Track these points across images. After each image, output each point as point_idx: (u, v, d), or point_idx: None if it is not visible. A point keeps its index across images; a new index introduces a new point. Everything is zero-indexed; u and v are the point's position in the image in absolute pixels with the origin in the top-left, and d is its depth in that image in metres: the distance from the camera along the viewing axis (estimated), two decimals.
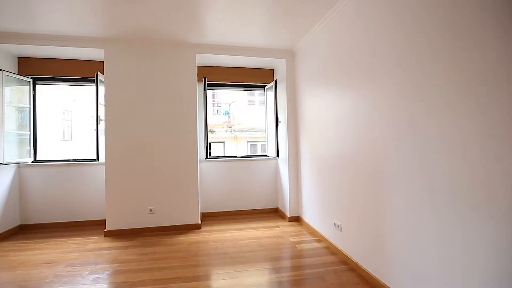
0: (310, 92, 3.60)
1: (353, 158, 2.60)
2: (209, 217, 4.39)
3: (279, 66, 4.36)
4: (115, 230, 3.66)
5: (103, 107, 3.68)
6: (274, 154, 4.29)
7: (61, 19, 3.09)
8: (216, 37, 3.63)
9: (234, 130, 11.76)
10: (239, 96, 12.11)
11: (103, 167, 3.99)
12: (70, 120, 12.51)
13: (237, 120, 12.07)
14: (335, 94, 2.92)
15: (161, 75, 3.78)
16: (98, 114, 3.70)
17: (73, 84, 4.22)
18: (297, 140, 4.11)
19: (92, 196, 4.12)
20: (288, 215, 4.11)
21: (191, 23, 3.25)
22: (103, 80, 3.71)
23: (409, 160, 1.90)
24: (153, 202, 3.77)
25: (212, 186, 4.50)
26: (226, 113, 12.01)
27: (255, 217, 4.34)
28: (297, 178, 4.10)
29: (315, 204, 3.51)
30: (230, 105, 12.04)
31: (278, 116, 4.26)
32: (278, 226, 3.88)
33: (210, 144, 4.59)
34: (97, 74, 3.68)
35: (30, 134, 4.04)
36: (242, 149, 11.81)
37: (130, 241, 3.43)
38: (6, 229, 3.75)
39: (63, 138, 12.28)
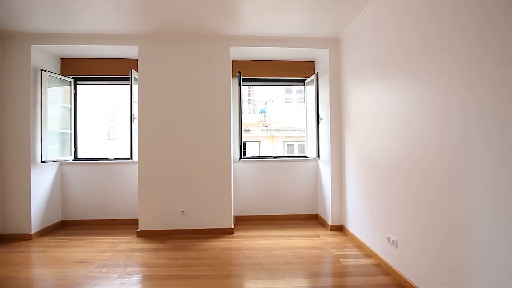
0: (357, 85, 3.17)
1: (414, 159, 2.14)
2: (242, 221, 4.14)
3: (321, 57, 3.96)
4: (147, 230, 3.57)
5: (137, 105, 3.62)
6: (315, 155, 3.91)
7: (96, 17, 3.05)
8: (251, 27, 3.36)
9: (270, 129, 11.47)
10: (275, 94, 11.79)
11: (137, 166, 3.94)
12: (115, 120, 13.22)
13: (273, 119, 11.77)
14: (390, 86, 2.48)
15: (194, 71, 3.61)
16: (132, 112, 3.64)
17: (110, 83, 4.26)
18: (341, 139, 3.68)
19: (126, 195, 4.10)
20: (330, 223, 3.70)
21: (225, 14, 3.02)
22: (137, 77, 3.64)
23: (502, 163, 1.44)
24: (185, 203, 3.61)
25: (246, 188, 4.24)
26: (262, 111, 11.76)
27: (292, 224, 4.00)
28: (341, 181, 3.67)
29: (362, 213, 3.07)
30: (267, 103, 11.78)
31: (320, 112, 3.87)
32: (318, 235, 3.50)
33: (245, 143, 4.34)
34: (131, 72, 3.62)
35: (71, 133, 4.14)
36: (278, 149, 11.48)
37: (161, 243, 3.30)
38: (49, 224, 3.87)
39: (109, 137, 13.03)
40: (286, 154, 11.48)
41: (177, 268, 2.65)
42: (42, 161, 3.64)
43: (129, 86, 3.70)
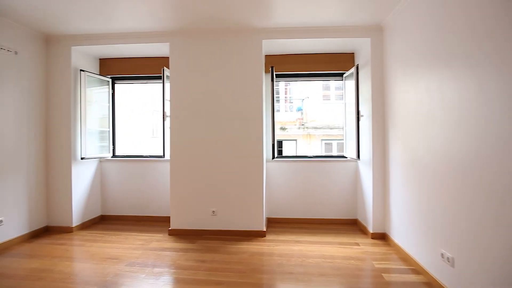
0: (404, 77, 2.79)
1: (479, 163, 1.76)
2: (275, 224, 3.95)
3: (362, 47, 3.60)
4: (179, 229, 3.54)
5: (169, 103, 3.60)
6: (354, 155, 3.56)
7: (129, 16, 3.06)
8: (284, 18, 3.14)
9: (307, 128, 11.08)
10: (313, 91, 11.35)
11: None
12: (159, 118, 13.80)
13: (310, 116, 11.35)
14: (447, 77, 2.10)
15: (225, 67, 3.49)
16: (164, 110, 3.63)
17: (145, 82, 4.32)
18: (384, 138, 3.30)
19: (161, 193, 4.14)
20: (371, 231, 3.35)
21: (256, 4, 2.84)
22: (169, 75, 3.62)
23: None
24: (216, 203, 3.52)
25: (279, 189, 4.03)
26: (299, 109, 11.39)
27: (328, 229, 3.70)
28: (384, 185, 3.30)
29: (410, 221, 2.70)
30: (303, 100, 11.39)
31: (360, 109, 3.52)
32: (357, 244, 3.17)
33: (281, 142, 4.12)
34: (163, 70, 3.61)
35: (109, 131, 4.28)
36: (316, 148, 11.04)
37: (191, 243, 3.23)
38: (89, 219, 4.03)
39: (153, 135, 13.66)
40: (323, 154, 11.01)
41: (204, 272, 2.54)
42: (82, 158, 3.80)
43: (161, 84, 3.70)
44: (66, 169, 3.71)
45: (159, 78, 4.15)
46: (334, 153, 11.01)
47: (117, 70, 4.19)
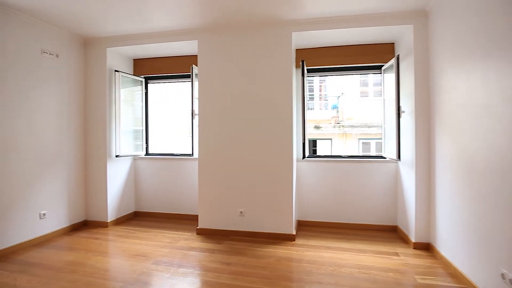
0: (455, 67, 2.43)
1: None
2: (306, 227, 3.74)
3: (403, 36, 3.25)
4: (206, 229, 3.50)
5: (197, 101, 3.58)
6: (394, 155, 3.24)
7: (158, 14, 3.07)
8: (315, 8, 2.93)
9: (342, 126, 10.59)
10: (349, 88, 10.81)
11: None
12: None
13: (347, 114, 10.83)
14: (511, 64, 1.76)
15: (253, 63, 3.37)
16: (193, 109, 3.61)
17: (176, 81, 4.36)
18: (429, 136, 2.94)
19: (190, 191, 4.15)
20: (413, 240, 3.01)
21: None
22: (197, 73, 3.60)
23: None
24: (244, 204, 3.42)
25: (311, 190, 3.82)
26: (335, 107, 10.91)
27: (364, 235, 3.41)
28: (429, 189, 2.94)
29: (461, 232, 2.35)
30: (339, 97, 10.89)
31: (401, 104, 3.18)
32: (397, 254, 2.86)
33: (315, 141, 3.90)
34: (192, 68, 3.60)
35: (142, 130, 4.39)
36: (352, 148, 10.52)
37: (217, 244, 3.17)
38: (123, 214, 4.17)
39: (189, 134, 14.11)
40: (360, 153, 10.45)
41: (229, 275, 2.45)
42: (116, 156, 3.93)
43: (190, 82, 3.69)
44: (102, 166, 3.87)
45: (189, 76, 4.16)
46: (373, 153, 10.40)
47: (149, 70, 4.29)
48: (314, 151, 11.00)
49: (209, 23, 3.32)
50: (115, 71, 3.91)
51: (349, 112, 10.95)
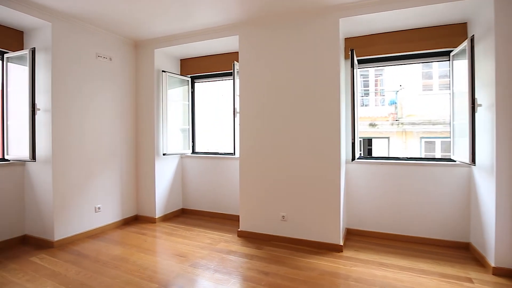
0: None
1: None
2: (355, 236, 3.36)
3: (480, 12, 2.66)
4: (247, 232, 3.37)
5: (238, 98, 3.46)
6: (467, 158, 2.68)
7: (199, 11, 3.02)
8: None
9: (402, 124, 9.57)
10: (410, 81, 9.71)
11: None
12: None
13: (407, 110, 9.76)
14: None
15: (296, 56, 3.11)
16: (235, 107, 3.50)
17: (220, 79, 4.32)
18: None
19: (233, 191, 4.07)
20: (493, 264, 2.44)
21: None
22: (238, 69, 3.48)
23: None
24: (286, 208, 3.20)
25: (362, 196, 3.42)
26: (392, 102, 9.91)
27: (427, 252, 2.91)
28: None
29: None
30: (398, 92, 9.87)
31: (476, 96, 2.61)
32: (470, 280, 2.35)
33: (370, 140, 3.49)
34: (233, 64, 3.48)
35: (189, 129, 4.46)
36: (413, 148, 9.46)
37: (257, 249, 3.01)
38: (171, 211, 4.29)
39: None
40: (423, 155, 9.35)
41: (265, 287, 2.26)
42: (164, 154, 4.04)
43: (232, 79, 3.59)
44: (150, 164, 4.01)
45: (232, 74, 4.08)
46: (438, 155, 9.22)
47: (195, 69, 4.32)
48: (369, 151, 10.19)
49: (249, 15, 3.16)
50: (162, 71, 4.01)
51: (409, 108, 9.88)
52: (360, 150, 10.14)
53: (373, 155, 9.91)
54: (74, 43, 3.30)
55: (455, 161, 3.05)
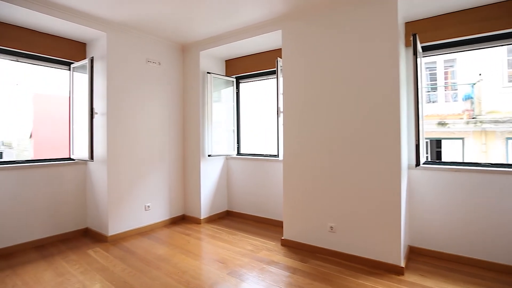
0: None
1: None
2: (421, 257, 2.85)
3: None
4: (291, 241, 3.13)
5: (282, 96, 3.24)
6: None
7: (241, 8, 2.89)
8: None
9: (480, 122, 8.17)
10: (491, 70, 8.23)
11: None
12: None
13: (487, 106, 8.30)
14: None
15: (344, 47, 2.76)
16: (279, 106, 3.29)
17: (265, 78, 4.14)
18: None
19: (278, 195, 3.86)
20: None
21: None
22: (282, 65, 3.25)
23: None
24: (335, 218, 2.87)
25: (428, 208, 2.89)
26: (467, 97, 8.52)
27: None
28: None
29: None
30: (474, 85, 8.46)
31: None
32: None
33: (439, 141, 2.97)
34: (277, 61, 3.28)
35: (234, 130, 4.38)
36: (496, 151, 8.02)
37: (301, 262, 2.74)
38: (216, 213, 4.26)
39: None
40: (509, 161, 7.86)
41: None
42: (208, 155, 4.03)
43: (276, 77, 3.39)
44: (196, 165, 4.04)
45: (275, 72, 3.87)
46: None
47: (239, 69, 4.23)
48: (438, 154, 8.99)
49: (292, 8, 2.93)
50: (207, 73, 4.00)
51: (490, 103, 8.41)
52: (427, 153, 9.00)
53: (442, 160, 8.71)
54: (126, 50, 3.47)
55: None
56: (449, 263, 2.69)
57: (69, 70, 3.54)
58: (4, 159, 13.21)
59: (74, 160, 3.55)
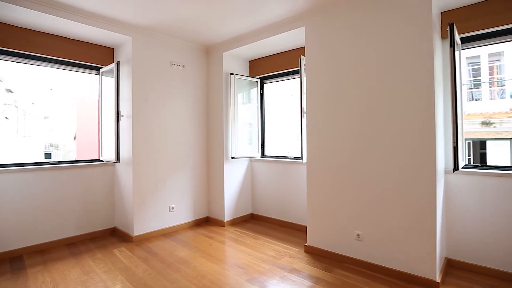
0: None
1: None
2: (460, 271, 2.55)
3: None
4: (316, 248, 2.97)
5: (305, 96, 3.10)
6: None
7: (265, 4, 2.81)
8: None
9: None
10: None
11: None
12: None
13: None
14: None
15: (371, 42, 2.56)
16: (302, 106, 3.15)
17: (290, 77, 4.02)
18: None
19: (302, 199, 3.71)
20: None
21: None
22: (305, 64, 3.12)
23: None
24: (362, 225, 2.67)
25: (468, 216, 2.58)
26: None
27: None
28: None
29: None
30: None
31: None
32: None
33: (484, 142, 2.66)
34: (300, 59, 3.14)
35: (258, 131, 4.31)
36: None
37: (325, 271, 2.58)
38: (240, 215, 4.20)
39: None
40: None
41: None
42: (232, 157, 3.98)
43: (299, 77, 3.26)
44: (219, 167, 4.01)
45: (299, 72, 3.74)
46: None
47: (263, 70, 4.15)
48: (482, 157, 8.22)
49: (316, 3, 2.78)
50: (231, 74, 3.97)
51: None
52: (469, 155, 8.25)
53: (487, 163, 7.95)
54: (151, 54, 3.53)
55: None
56: (491, 278, 2.38)
57: (98, 74, 3.69)
58: (53, 159, 14.34)
59: (103, 161, 3.67)
